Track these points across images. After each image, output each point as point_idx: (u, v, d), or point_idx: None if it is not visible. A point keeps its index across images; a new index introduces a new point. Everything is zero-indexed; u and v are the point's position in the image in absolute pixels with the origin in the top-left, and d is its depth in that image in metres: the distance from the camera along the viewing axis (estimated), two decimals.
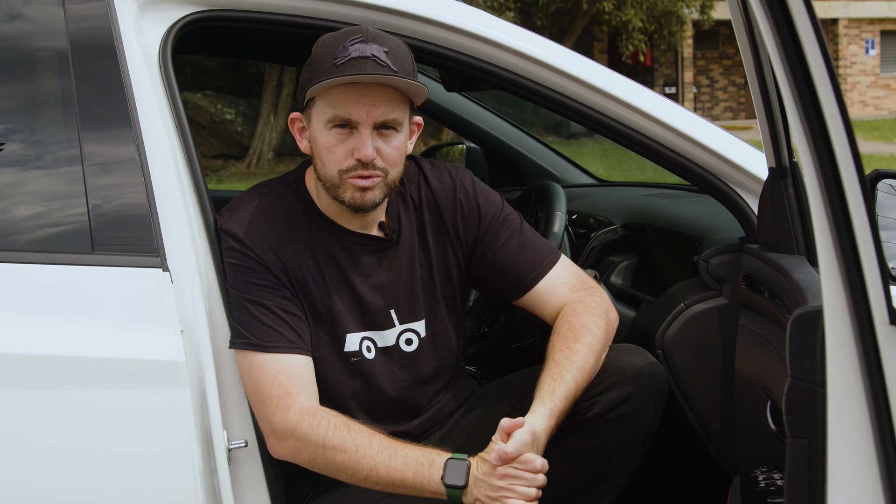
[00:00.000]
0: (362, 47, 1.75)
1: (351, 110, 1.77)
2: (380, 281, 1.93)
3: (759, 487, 1.76)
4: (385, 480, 1.73)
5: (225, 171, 15.85)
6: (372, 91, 1.77)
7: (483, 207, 2.01)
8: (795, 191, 1.90)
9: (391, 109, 1.79)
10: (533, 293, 1.99)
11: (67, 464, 1.59)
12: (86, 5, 1.80)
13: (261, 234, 1.83)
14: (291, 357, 1.80)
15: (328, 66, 1.76)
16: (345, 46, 1.76)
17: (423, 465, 1.73)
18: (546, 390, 1.79)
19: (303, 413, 1.75)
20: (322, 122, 1.80)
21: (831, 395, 1.30)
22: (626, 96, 2.06)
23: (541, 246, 2.01)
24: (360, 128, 1.78)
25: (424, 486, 1.72)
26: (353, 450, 1.73)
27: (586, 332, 1.88)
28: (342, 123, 1.79)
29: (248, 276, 1.81)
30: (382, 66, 1.75)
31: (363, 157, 1.78)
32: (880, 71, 27.90)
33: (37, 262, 1.65)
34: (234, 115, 17.56)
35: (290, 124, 1.91)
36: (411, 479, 1.72)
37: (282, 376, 1.77)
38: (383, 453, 1.73)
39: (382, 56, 1.76)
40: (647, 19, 19.69)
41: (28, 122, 1.80)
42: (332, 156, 1.81)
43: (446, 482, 1.71)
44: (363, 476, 1.74)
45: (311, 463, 1.77)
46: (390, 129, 1.81)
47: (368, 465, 1.73)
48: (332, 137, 1.80)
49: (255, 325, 1.78)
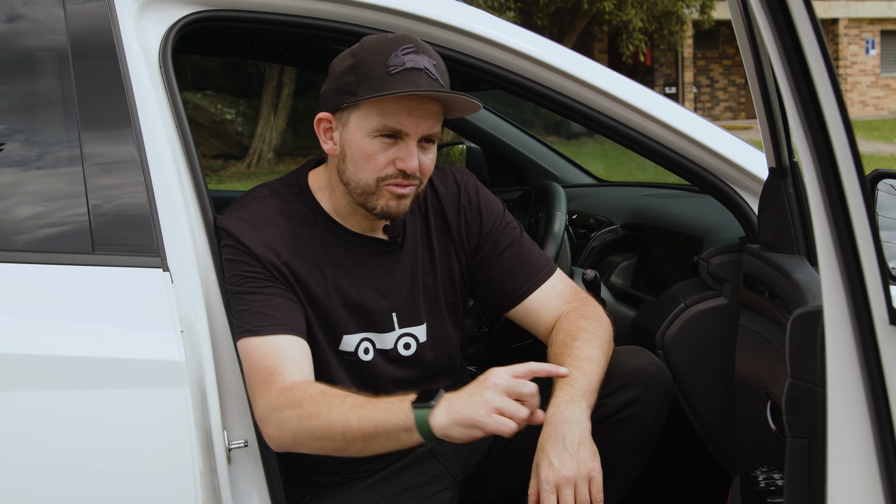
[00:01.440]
0: (416, 58, 1.74)
1: (403, 122, 1.76)
2: (383, 284, 1.93)
3: (759, 487, 1.76)
4: (359, 432, 1.66)
5: (225, 171, 15.86)
6: (424, 104, 1.76)
7: (485, 214, 2.01)
8: (795, 191, 1.90)
9: (436, 123, 1.80)
10: (527, 304, 1.98)
11: (68, 464, 1.59)
12: (86, 5, 1.80)
13: (258, 233, 1.83)
14: (278, 338, 1.77)
15: (381, 74, 1.73)
16: (397, 55, 1.74)
17: (394, 403, 1.66)
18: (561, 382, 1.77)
19: (282, 390, 1.71)
20: (366, 130, 1.78)
21: (831, 395, 1.30)
22: (626, 96, 2.06)
23: (538, 257, 2.02)
24: (407, 140, 1.77)
25: (395, 422, 1.64)
26: (326, 412, 1.68)
27: (583, 332, 1.88)
28: (390, 133, 1.77)
29: (240, 269, 1.81)
30: (434, 79, 1.75)
31: (408, 169, 1.77)
32: (880, 71, 27.91)
33: (37, 263, 1.65)
34: (234, 115, 17.57)
35: (315, 124, 1.86)
36: (382, 419, 1.65)
37: (266, 358, 1.74)
38: (356, 407, 1.68)
39: (433, 69, 1.76)
40: (647, 19, 19.69)
41: (28, 123, 1.80)
42: (371, 163, 1.79)
43: (415, 404, 1.63)
44: (339, 433, 1.67)
45: (294, 438, 1.71)
46: (430, 143, 1.81)
47: (341, 421, 1.67)
48: (375, 145, 1.78)
49: (248, 313, 1.78)
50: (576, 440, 1.68)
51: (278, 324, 1.78)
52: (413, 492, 1.97)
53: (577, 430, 1.70)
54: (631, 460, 1.91)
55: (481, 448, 2.01)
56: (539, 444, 1.71)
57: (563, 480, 1.66)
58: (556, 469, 1.66)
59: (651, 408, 1.87)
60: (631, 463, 1.91)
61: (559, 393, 1.76)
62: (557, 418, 1.71)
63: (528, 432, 1.96)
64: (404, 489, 1.97)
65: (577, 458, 1.67)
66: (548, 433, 1.71)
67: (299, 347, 1.80)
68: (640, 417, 1.86)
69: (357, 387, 1.92)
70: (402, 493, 1.96)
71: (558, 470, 1.66)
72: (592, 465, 1.68)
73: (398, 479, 1.98)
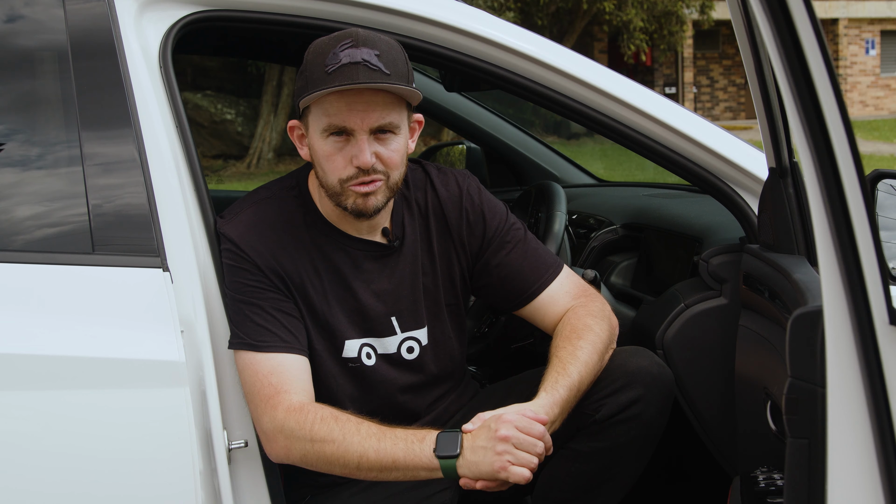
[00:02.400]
0: (353, 52, 1.74)
1: (345, 118, 1.76)
2: (381, 288, 1.93)
3: (759, 487, 1.76)
4: (376, 464, 1.70)
5: (225, 171, 15.85)
6: (365, 97, 1.75)
7: (488, 217, 2.01)
8: (795, 191, 1.90)
9: (386, 114, 1.78)
10: (536, 303, 1.99)
11: (68, 464, 1.59)
12: (86, 5, 1.80)
13: (258, 238, 1.83)
14: (283, 356, 1.79)
15: (320, 75, 1.74)
16: (335, 53, 1.74)
17: (414, 442, 1.69)
18: (549, 382, 1.79)
19: (289, 410, 1.73)
20: (318, 131, 1.80)
21: (831, 395, 1.30)
22: (626, 96, 2.06)
23: (544, 256, 2.02)
24: (356, 135, 1.77)
25: (417, 463, 1.68)
26: (340, 439, 1.70)
27: (589, 331, 1.88)
28: (338, 131, 1.78)
29: (242, 277, 1.81)
30: (374, 70, 1.74)
31: (361, 165, 1.77)
32: (880, 71, 27.90)
33: (37, 263, 1.65)
34: (234, 115, 17.56)
35: (289, 132, 1.90)
36: (402, 457, 1.68)
37: (272, 375, 1.76)
38: (372, 438, 1.70)
39: (374, 60, 1.74)
40: (647, 19, 19.68)
41: (28, 123, 1.80)
42: (331, 164, 1.80)
43: (438, 453, 1.67)
44: (354, 463, 1.71)
45: (303, 460, 1.74)
46: (388, 133, 1.80)
47: (358, 451, 1.70)
48: (329, 146, 1.79)
49: (249, 325, 1.78)
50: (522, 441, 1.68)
51: (282, 341, 1.79)
52: (413, 492, 1.96)
53: None
54: (632, 460, 1.91)
55: None
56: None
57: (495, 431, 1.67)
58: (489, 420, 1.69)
59: (652, 408, 1.87)
60: (632, 463, 1.91)
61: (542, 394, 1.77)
62: None
63: None
64: (404, 489, 1.96)
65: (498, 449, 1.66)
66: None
67: (303, 366, 1.82)
68: (642, 418, 1.86)
69: (361, 393, 1.92)
70: (401, 493, 1.96)
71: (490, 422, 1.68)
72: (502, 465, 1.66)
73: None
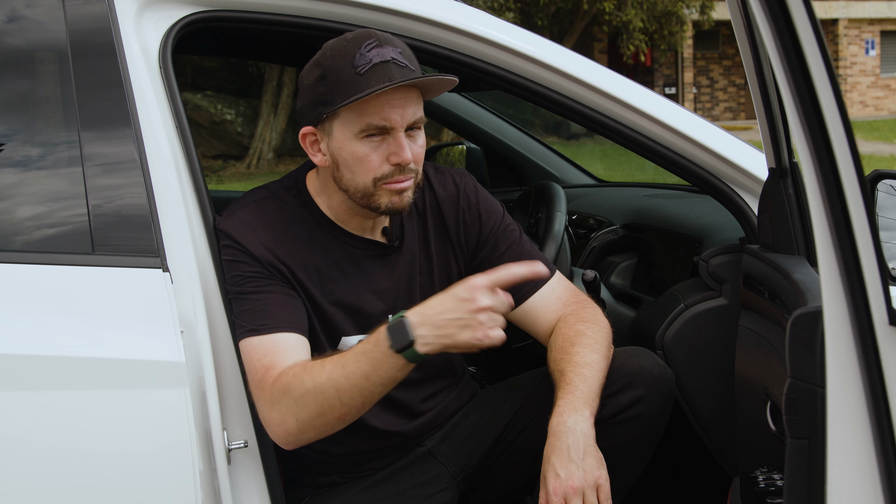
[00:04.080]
0: (380, 52, 1.73)
1: (387, 116, 1.74)
2: (380, 286, 1.93)
3: (759, 487, 1.76)
4: (353, 389, 1.66)
5: (225, 172, 15.86)
6: (400, 94, 1.75)
7: (485, 216, 2.00)
8: (795, 191, 1.90)
9: (418, 108, 1.79)
10: (527, 306, 1.98)
11: (67, 464, 1.59)
12: (86, 5, 1.80)
13: (256, 235, 1.83)
14: (279, 336, 1.76)
15: (350, 77, 1.72)
16: (362, 53, 1.73)
17: (368, 342, 1.66)
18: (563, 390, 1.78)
19: (273, 383, 1.70)
20: (352, 134, 1.76)
21: (831, 395, 1.30)
22: (626, 97, 2.06)
23: (538, 259, 2.01)
24: (394, 133, 1.76)
25: (385, 367, 1.64)
26: (311, 384, 1.67)
27: (582, 336, 1.88)
28: (376, 132, 1.76)
29: (240, 270, 1.80)
30: (403, 67, 1.74)
31: (403, 161, 1.76)
32: (880, 71, 27.90)
33: (37, 263, 1.65)
34: (234, 116, 17.56)
35: (300, 140, 1.85)
36: (370, 369, 1.64)
37: (265, 357, 1.73)
38: (337, 368, 1.67)
39: (400, 58, 1.74)
40: (647, 19, 19.69)
41: (28, 123, 1.80)
42: (365, 165, 1.77)
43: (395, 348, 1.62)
44: (336, 400, 1.67)
45: (300, 426, 1.69)
46: (416, 129, 1.80)
47: (332, 387, 1.66)
48: (365, 147, 1.77)
49: (248, 313, 1.77)
50: (580, 449, 1.69)
51: (280, 322, 1.77)
52: (413, 491, 1.97)
53: (582, 438, 1.70)
54: (633, 461, 1.91)
55: (481, 448, 2.01)
56: (545, 456, 1.72)
57: (570, 491, 1.66)
58: (564, 480, 1.67)
59: (653, 408, 1.87)
60: (633, 463, 1.91)
61: (561, 402, 1.76)
62: (561, 428, 1.72)
63: (527, 434, 1.96)
64: (404, 489, 1.97)
65: (584, 467, 1.68)
66: (552, 444, 1.71)
67: (298, 343, 1.78)
68: (643, 418, 1.86)
69: None
70: (401, 493, 1.96)
71: (565, 481, 1.67)
72: (599, 473, 1.69)
73: (398, 479, 1.98)
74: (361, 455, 1.96)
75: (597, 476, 1.68)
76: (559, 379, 1.82)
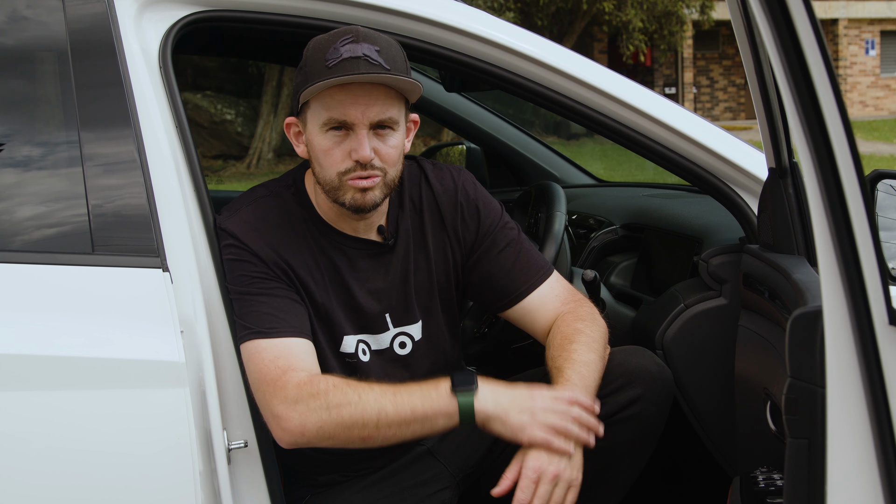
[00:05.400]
0: (353, 47, 1.74)
1: (346, 111, 1.76)
2: (376, 286, 1.93)
3: (759, 487, 1.76)
4: (396, 418, 1.70)
5: (225, 172, 15.86)
6: (366, 91, 1.76)
7: (483, 213, 2.00)
8: (795, 191, 1.90)
9: (386, 108, 1.79)
10: (524, 304, 1.98)
11: (68, 464, 1.59)
12: (86, 5, 1.80)
13: (259, 233, 1.83)
14: (290, 340, 1.78)
15: (320, 69, 1.75)
16: (336, 48, 1.75)
17: (430, 387, 1.73)
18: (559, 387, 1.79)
19: (300, 384, 1.71)
20: (317, 126, 1.80)
21: (831, 395, 1.30)
22: (626, 96, 2.06)
23: (535, 258, 2.01)
24: (356, 129, 1.78)
25: (436, 408, 1.70)
26: (356, 400, 1.70)
27: (580, 334, 1.88)
28: (338, 125, 1.78)
29: (245, 270, 1.81)
30: (374, 64, 1.74)
31: (361, 158, 1.77)
32: (880, 71, 27.90)
33: (37, 263, 1.65)
34: (234, 116, 17.56)
35: (285, 129, 1.89)
36: (420, 405, 1.70)
37: (279, 359, 1.74)
38: (388, 394, 1.71)
39: (374, 55, 1.75)
40: (647, 19, 19.69)
41: (28, 123, 1.80)
42: (329, 158, 1.80)
43: (456, 389, 1.71)
44: (374, 421, 1.69)
45: (320, 432, 1.70)
46: (387, 129, 1.80)
47: (376, 408, 1.69)
48: (328, 140, 1.79)
49: (255, 314, 1.78)
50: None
51: (289, 326, 1.79)
52: (412, 491, 1.97)
53: None
54: (631, 460, 1.91)
55: (481, 447, 2.01)
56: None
57: (546, 475, 1.70)
58: (544, 463, 1.71)
59: (652, 407, 1.87)
60: (631, 462, 1.92)
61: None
62: None
63: None
64: (404, 488, 1.97)
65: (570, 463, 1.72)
66: None
67: (309, 349, 1.81)
68: (642, 417, 1.87)
69: None
70: (401, 492, 1.96)
71: (546, 464, 1.71)
72: (575, 476, 1.73)
73: (398, 478, 1.98)
74: (361, 454, 1.96)
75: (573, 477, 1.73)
76: (556, 375, 1.82)
